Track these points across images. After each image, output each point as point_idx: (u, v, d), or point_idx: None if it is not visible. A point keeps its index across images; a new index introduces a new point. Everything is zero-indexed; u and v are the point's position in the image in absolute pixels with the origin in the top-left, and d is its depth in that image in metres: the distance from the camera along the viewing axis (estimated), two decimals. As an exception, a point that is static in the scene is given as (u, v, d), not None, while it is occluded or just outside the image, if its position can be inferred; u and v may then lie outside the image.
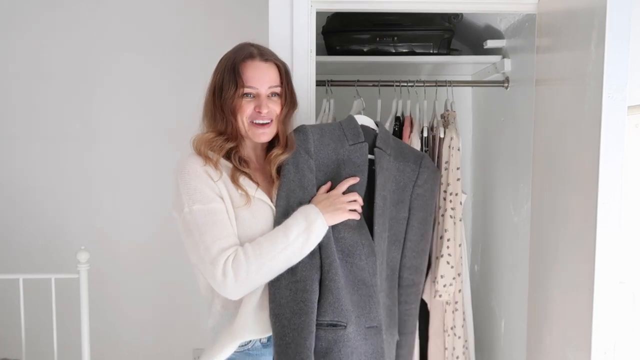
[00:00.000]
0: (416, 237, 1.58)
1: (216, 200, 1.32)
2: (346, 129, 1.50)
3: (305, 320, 1.32)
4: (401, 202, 1.55)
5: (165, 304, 2.58)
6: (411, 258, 1.58)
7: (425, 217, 1.60)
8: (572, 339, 1.43)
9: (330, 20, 2.15)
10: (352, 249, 1.40)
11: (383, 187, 1.48)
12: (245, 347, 1.37)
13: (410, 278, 1.59)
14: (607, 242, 1.30)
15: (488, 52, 2.12)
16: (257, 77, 1.37)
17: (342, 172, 1.44)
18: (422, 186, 1.58)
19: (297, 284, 1.34)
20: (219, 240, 1.29)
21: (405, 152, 1.59)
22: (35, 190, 2.60)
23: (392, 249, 1.53)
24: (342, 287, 1.36)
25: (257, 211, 1.36)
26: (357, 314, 1.38)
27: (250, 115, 1.38)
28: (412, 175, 1.57)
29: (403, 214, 1.55)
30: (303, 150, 1.42)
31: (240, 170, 1.38)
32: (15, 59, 2.56)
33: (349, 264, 1.40)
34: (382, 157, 1.50)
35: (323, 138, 1.46)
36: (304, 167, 1.41)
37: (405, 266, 1.58)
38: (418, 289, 1.63)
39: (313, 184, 1.42)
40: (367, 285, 1.41)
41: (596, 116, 1.30)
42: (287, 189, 1.39)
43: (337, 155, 1.46)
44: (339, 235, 1.39)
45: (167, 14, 2.53)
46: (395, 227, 1.54)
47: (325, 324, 1.34)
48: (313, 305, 1.33)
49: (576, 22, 1.43)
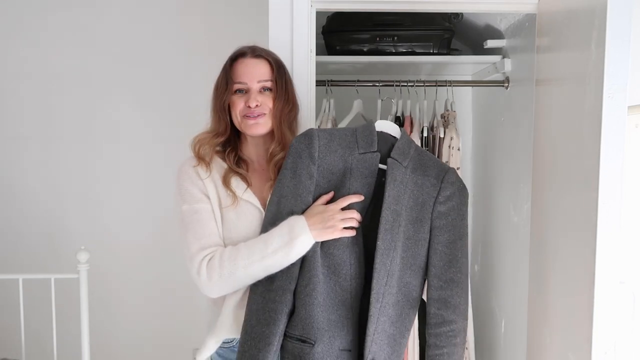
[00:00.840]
0: (441, 263, 1.36)
1: (203, 200, 1.37)
2: (359, 136, 1.38)
3: (265, 332, 1.29)
4: (420, 220, 1.37)
5: (165, 304, 2.58)
6: (437, 288, 1.36)
7: (452, 240, 1.37)
8: (572, 339, 1.43)
9: (330, 20, 2.15)
10: (339, 267, 1.32)
11: (396, 201, 1.34)
12: (230, 344, 1.41)
13: (439, 314, 1.36)
14: (607, 242, 1.29)
15: (488, 52, 2.12)
16: (247, 72, 1.40)
17: (347, 182, 1.34)
18: (444, 203, 1.37)
19: (270, 293, 1.31)
20: (199, 239, 1.33)
21: (427, 164, 1.40)
22: (35, 190, 2.60)
23: (406, 272, 1.37)
24: (318, 304, 1.30)
25: (242, 213, 1.38)
26: (332, 334, 1.31)
27: (241, 110, 1.39)
28: (433, 191, 1.37)
29: (423, 235, 1.37)
30: (305, 155, 1.33)
31: (234, 171, 1.40)
32: (18, 61, 2.56)
33: (333, 282, 1.32)
34: (396, 168, 1.36)
35: (331, 143, 1.35)
36: (302, 172, 1.33)
37: (432, 298, 1.37)
38: (451, 329, 1.36)
39: (309, 192, 1.33)
40: (346, 307, 1.33)
41: (596, 116, 1.30)
42: (279, 194, 1.34)
43: (344, 163, 1.35)
44: (328, 250, 1.32)
45: (168, 15, 2.53)
46: (413, 248, 1.37)
47: (294, 337, 1.31)
48: (279, 317, 1.29)
49: (576, 22, 1.43)
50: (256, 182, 1.42)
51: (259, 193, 1.41)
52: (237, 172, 1.40)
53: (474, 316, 2.05)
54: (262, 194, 1.41)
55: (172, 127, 2.51)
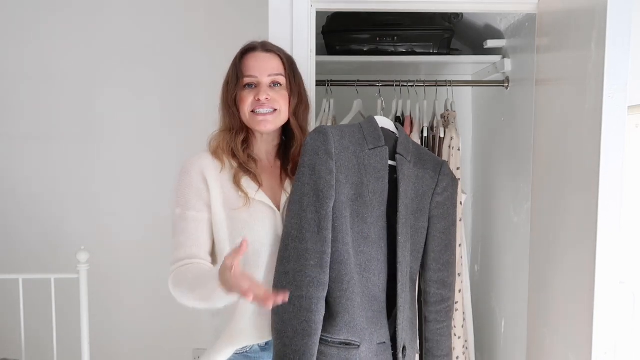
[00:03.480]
0: (439, 248, 1.49)
1: (195, 207, 1.34)
2: (366, 132, 1.40)
3: (307, 343, 1.26)
4: (420, 210, 1.45)
5: (165, 304, 2.56)
6: (437, 271, 1.49)
7: (447, 226, 1.50)
8: (572, 338, 1.43)
9: (330, 20, 2.15)
10: (369, 264, 1.35)
11: (406, 195, 1.41)
12: (243, 350, 1.37)
13: (439, 293, 1.49)
14: (607, 242, 1.29)
15: (488, 52, 2.12)
16: (257, 66, 1.37)
17: (364, 178, 1.35)
18: (442, 194, 1.48)
19: (302, 301, 1.26)
20: (179, 248, 1.33)
21: (424, 158, 1.49)
22: (35, 190, 2.59)
23: (413, 260, 1.45)
24: (358, 305, 1.31)
25: (255, 213, 1.34)
26: (371, 331, 1.35)
27: (250, 104, 1.36)
28: (431, 182, 1.47)
29: (422, 223, 1.46)
30: (322, 152, 1.31)
31: (245, 170, 1.37)
32: (18, 60, 2.56)
33: (365, 279, 1.34)
34: (404, 164, 1.42)
35: (343, 140, 1.36)
36: (321, 169, 1.30)
37: (431, 280, 1.49)
38: (448, 305, 1.52)
39: (330, 186, 1.30)
40: (378, 302, 1.37)
41: (596, 116, 1.30)
42: (300, 192, 1.31)
43: (358, 160, 1.36)
44: (359, 248, 1.33)
45: (168, 15, 2.52)
46: (415, 237, 1.45)
47: (337, 341, 1.30)
48: (317, 326, 1.27)
49: (576, 21, 1.43)
50: (266, 181, 1.40)
51: (270, 192, 1.39)
52: (247, 171, 1.37)
53: (474, 316, 2.05)
54: (273, 193, 1.39)
55: (172, 127, 2.52)
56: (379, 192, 1.37)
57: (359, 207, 1.35)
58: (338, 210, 1.31)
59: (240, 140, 1.38)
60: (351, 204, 1.34)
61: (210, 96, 1.50)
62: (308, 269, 1.27)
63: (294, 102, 1.39)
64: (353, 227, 1.34)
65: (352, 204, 1.34)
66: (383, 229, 1.38)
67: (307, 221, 1.29)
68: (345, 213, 1.32)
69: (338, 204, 1.31)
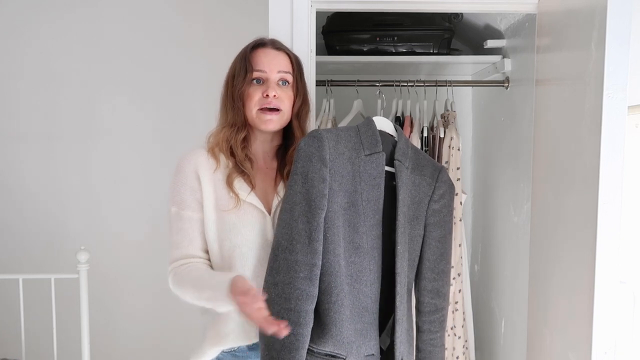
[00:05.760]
0: (434, 257, 1.43)
1: (191, 207, 1.34)
2: (363, 136, 1.36)
3: (295, 356, 1.24)
4: (416, 218, 1.40)
5: (165, 303, 2.57)
6: (431, 280, 1.43)
7: (443, 234, 1.44)
8: (572, 338, 1.43)
9: (330, 20, 2.15)
10: (361, 275, 1.31)
11: (404, 203, 1.36)
12: (231, 350, 1.37)
13: (433, 303, 1.44)
14: (607, 242, 1.30)
15: (488, 52, 2.12)
16: (267, 61, 1.35)
17: (358, 186, 1.31)
18: (438, 201, 1.43)
19: (290, 314, 1.23)
20: (175, 248, 1.35)
21: (422, 163, 1.43)
22: (35, 190, 2.59)
23: (409, 269, 1.40)
24: (347, 318, 1.28)
25: (244, 216, 1.33)
26: (359, 344, 1.31)
27: (258, 101, 1.34)
28: (428, 189, 1.42)
29: (418, 231, 1.41)
30: (316, 158, 1.26)
31: (239, 170, 1.35)
32: (19, 60, 2.56)
33: (356, 290, 1.30)
34: (402, 171, 1.37)
35: (338, 145, 1.31)
36: (314, 177, 1.26)
37: (425, 289, 1.44)
38: (442, 315, 1.46)
39: (323, 195, 1.25)
40: (369, 313, 1.33)
41: (596, 116, 1.30)
42: (291, 202, 1.27)
43: (353, 166, 1.31)
44: (350, 259, 1.29)
45: (168, 15, 2.53)
46: (411, 245, 1.40)
47: (323, 353, 1.28)
48: (305, 339, 1.25)
49: (576, 22, 1.43)
50: (260, 183, 1.38)
51: (262, 195, 1.37)
52: (241, 172, 1.35)
53: (474, 316, 2.05)
54: (265, 196, 1.38)
55: (172, 127, 2.52)
56: (374, 200, 1.33)
57: (351, 215, 1.31)
58: (330, 219, 1.27)
59: (240, 138, 1.36)
60: (344, 213, 1.30)
61: (210, 97, 1.50)
62: (297, 282, 1.24)
63: (298, 103, 1.39)
64: (345, 236, 1.30)
65: (344, 213, 1.30)
66: (377, 238, 1.34)
67: (298, 231, 1.25)
68: (337, 222, 1.28)
69: (330, 213, 1.27)
